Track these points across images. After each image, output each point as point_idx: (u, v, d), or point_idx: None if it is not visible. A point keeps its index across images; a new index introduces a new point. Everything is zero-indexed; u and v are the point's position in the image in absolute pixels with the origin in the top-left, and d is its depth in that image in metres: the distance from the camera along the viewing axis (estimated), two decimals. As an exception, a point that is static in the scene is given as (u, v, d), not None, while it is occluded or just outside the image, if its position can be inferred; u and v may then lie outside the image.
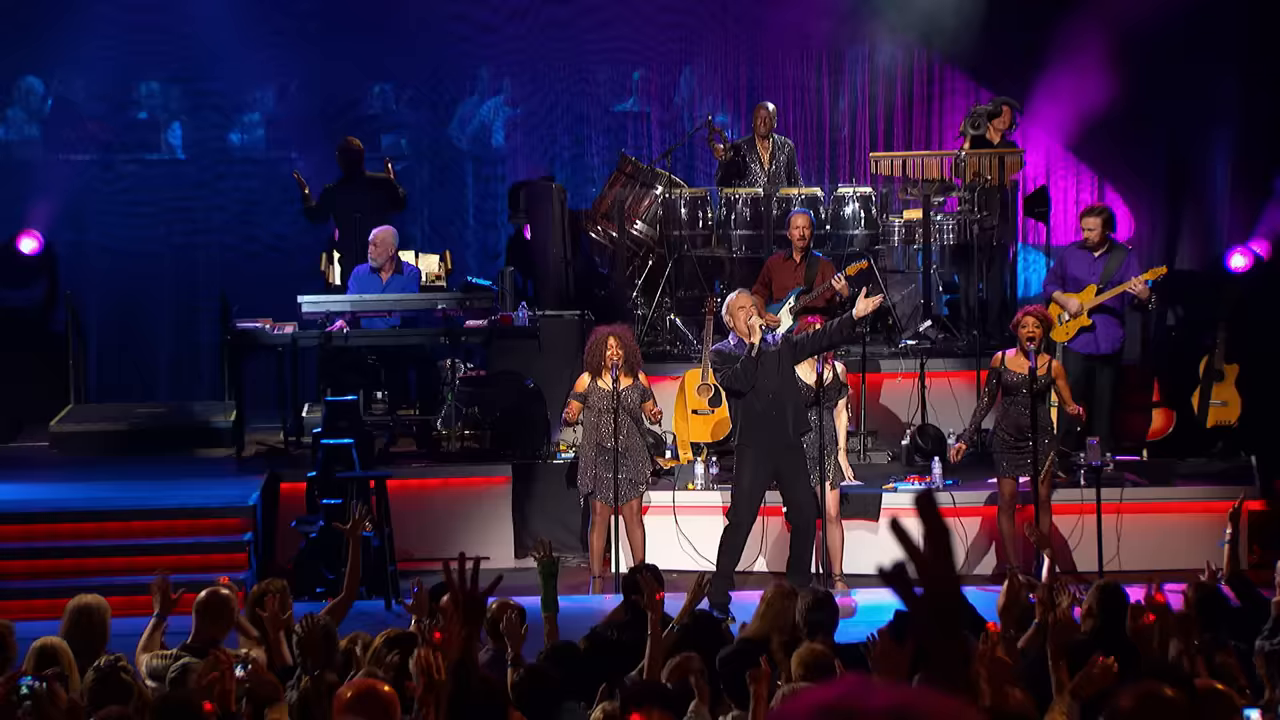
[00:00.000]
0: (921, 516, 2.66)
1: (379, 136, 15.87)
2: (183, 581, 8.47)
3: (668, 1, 16.72)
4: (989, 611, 8.30)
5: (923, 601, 2.57)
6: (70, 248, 15.53)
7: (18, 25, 15.92)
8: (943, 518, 2.67)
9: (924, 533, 2.65)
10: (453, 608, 4.68)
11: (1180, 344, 14.08)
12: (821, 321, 11.76)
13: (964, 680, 2.57)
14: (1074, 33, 15.35)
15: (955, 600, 2.63)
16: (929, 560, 2.61)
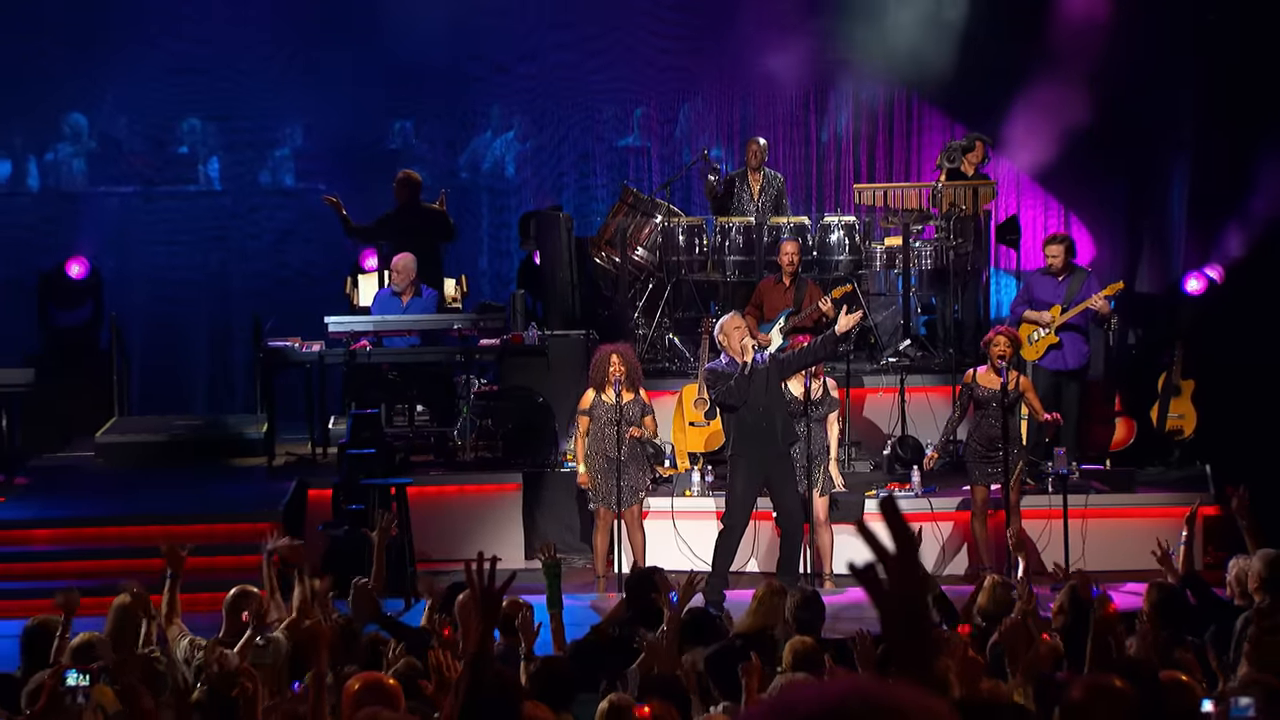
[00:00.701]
0: (886, 521, 2.67)
1: (399, 170, 15.88)
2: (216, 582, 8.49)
3: (667, 44, 16.75)
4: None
5: (890, 600, 2.58)
6: (115, 273, 15.53)
7: (65, 66, 15.97)
8: (906, 522, 2.68)
9: (890, 536, 2.65)
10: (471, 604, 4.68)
11: (1140, 361, 14.08)
12: (809, 340, 11.78)
13: (930, 674, 2.56)
14: (1041, 73, 15.37)
15: (920, 599, 2.63)
16: (895, 561, 2.62)
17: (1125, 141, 15.55)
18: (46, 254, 15.38)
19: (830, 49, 16.18)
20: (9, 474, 13.02)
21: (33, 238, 15.82)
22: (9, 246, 15.12)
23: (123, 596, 7.85)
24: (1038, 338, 12.85)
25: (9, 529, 12.13)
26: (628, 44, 16.69)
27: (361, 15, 16.05)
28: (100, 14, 15.78)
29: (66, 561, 10.80)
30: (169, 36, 15.88)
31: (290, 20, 16.02)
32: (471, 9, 16.27)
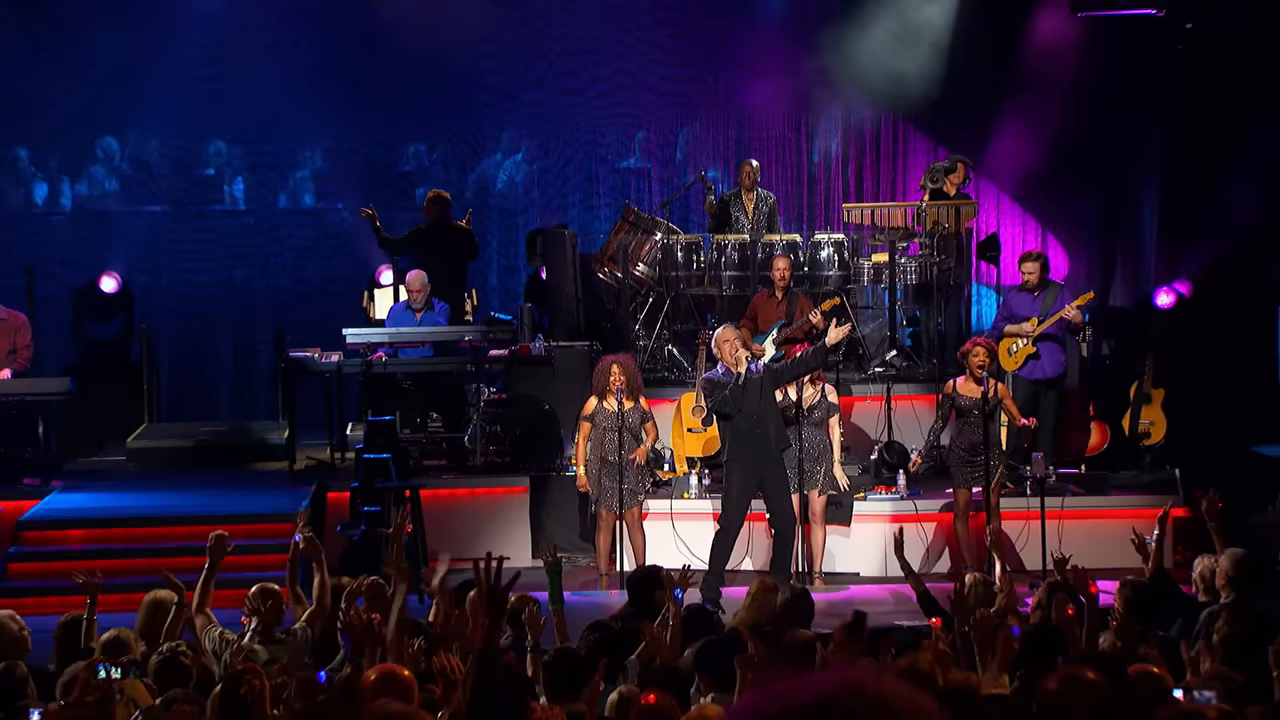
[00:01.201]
0: None
1: (414, 190, 15.91)
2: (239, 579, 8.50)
3: (667, 72, 16.78)
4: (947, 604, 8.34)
5: None
6: (145, 288, 15.56)
7: (98, 93, 15.99)
8: None
9: None
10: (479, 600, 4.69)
11: (1113, 371, 14.09)
12: (802, 350, 11.81)
13: None
14: (1020, 99, 15.41)
15: None
16: None
17: (1098, 165, 15.59)
18: (81, 270, 15.41)
19: (819, 74, 16.20)
20: (46, 477, 13.02)
21: (68, 255, 15.85)
22: (46, 263, 15.13)
23: (154, 592, 7.86)
24: (1017, 349, 12.87)
25: (45, 529, 12.14)
26: (629, 72, 16.72)
27: (378, 44, 16.09)
28: (131, 44, 15.79)
29: (99, 560, 10.77)
30: (196, 65, 15.90)
31: (310, 49, 16.05)
32: (482, 39, 16.32)
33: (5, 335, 13.18)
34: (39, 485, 12.87)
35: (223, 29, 15.85)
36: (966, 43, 15.63)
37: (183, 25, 15.74)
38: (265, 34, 15.81)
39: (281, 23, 15.94)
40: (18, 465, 12.97)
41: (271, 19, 15.92)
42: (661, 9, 16.54)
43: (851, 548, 12.33)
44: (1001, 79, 15.51)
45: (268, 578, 8.25)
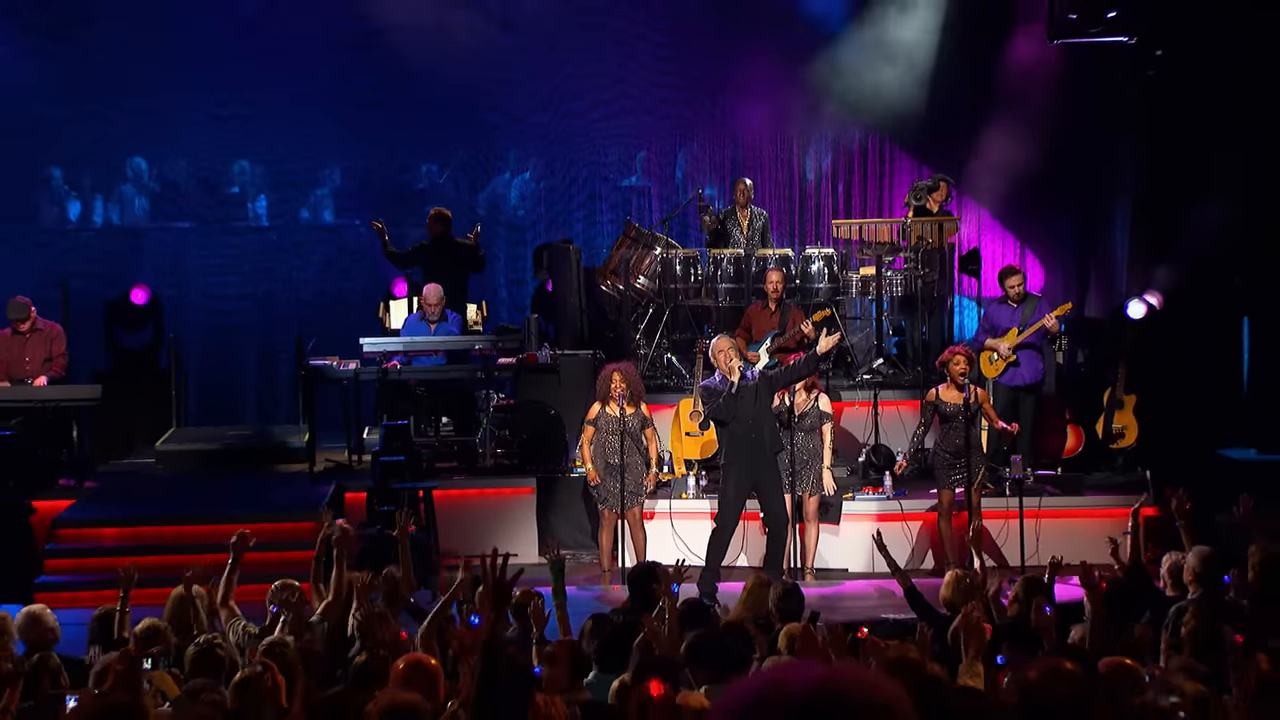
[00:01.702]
0: None
1: (427, 207, 15.93)
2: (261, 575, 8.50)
3: (666, 95, 16.82)
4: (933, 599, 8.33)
5: None
6: (173, 300, 15.57)
7: (129, 116, 16.04)
8: None
9: None
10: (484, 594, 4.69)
11: (1088, 378, 14.09)
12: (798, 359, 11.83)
13: None
14: (1000, 121, 15.43)
15: None
16: None
17: (1073, 184, 15.62)
18: (112, 283, 15.44)
19: (810, 97, 16.24)
20: (80, 479, 13.04)
21: (100, 269, 15.88)
22: (79, 277, 15.15)
23: (179, 588, 7.88)
24: (997, 358, 12.90)
25: (80, 527, 12.17)
26: (630, 96, 16.76)
27: (392, 70, 16.12)
28: (159, 70, 15.83)
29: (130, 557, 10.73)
30: (220, 89, 15.95)
31: (329, 75, 16.10)
32: (491, 65, 16.37)
33: (41, 344, 13.21)
34: (73, 486, 12.90)
35: (246, 56, 15.87)
36: (949, 68, 15.67)
37: (207, 52, 15.77)
38: (286, 60, 15.84)
39: (302, 50, 15.97)
40: (53, 467, 13.00)
41: (292, 46, 15.94)
42: (661, 36, 16.59)
43: (840, 545, 12.35)
44: (982, 102, 15.54)
45: (289, 574, 8.26)
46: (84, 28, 16.06)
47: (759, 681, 2.00)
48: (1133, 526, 8.82)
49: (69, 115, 15.96)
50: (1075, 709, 4.48)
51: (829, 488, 11.91)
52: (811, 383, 11.78)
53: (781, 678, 1.97)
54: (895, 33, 15.78)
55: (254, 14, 15.84)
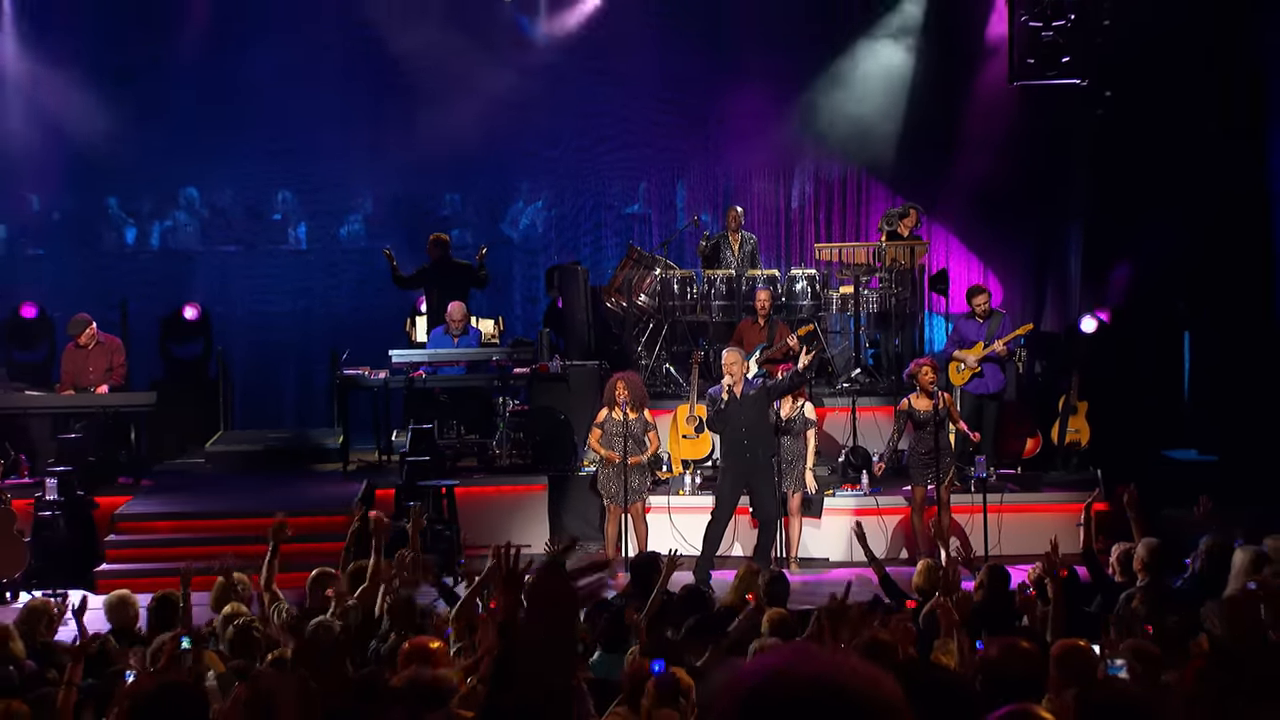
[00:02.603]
0: None
1: (450, 232, 15.96)
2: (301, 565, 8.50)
3: (665, 131, 16.83)
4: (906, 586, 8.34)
5: None
6: (221, 316, 15.59)
7: (182, 149, 16.06)
8: None
9: None
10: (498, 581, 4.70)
11: (1045, 386, 14.11)
12: (785, 369, 11.86)
13: None
14: (965, 154, 15.45)
15: None
16: None
17: (1031, 211, 15.63)
18: (166, 301, 15.45)
19: (795, 133, 16.28)
20: (137, 477, 13.05)
21: (155, 289, 15.88)
22: (137, 296, 15.18)
23: (222, 578, 7.88)
24: (964, 368, 12.90)
25: (137, 521, 12.16)
26: (632, 132, 16.77)
27: (420, 108, 16.13)
28: (209, 108, 15.86)
29: (182, 547, 10.80)
30: (264, 126, 15.97)
31: (362, 112, 16.12)
32: (508, 105, 16.39)
33: (103, 356, 13.22)
34: (131, 483, 12.91)
35: (288, 98, 15.90)
36: (919, 107, 15.69)
37: (253, 94, 15.78)
38: (324, 101, 15.87)
39: (338, 92, 16.02)
40: (113, 466, 13.01)
41: (330, 89, 15.99)
42: (659, 79, 16.58)
43: (822, 537, 12.35)
44: (949, 137, 15.55)
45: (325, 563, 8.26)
46: (145, 73, 16.11)
47: (760, 669, 1.86)
48: (1085, 520, 8.83)
49: (128, 150, 15.97)
50: (1031, 683, 4.50)
51: (811, 486, 11.92)
52: (798, 392, 11.79)
53: (784, 667, 1.85)
54: (872, 75, 15.82)
55: (296, 60, 15.88)
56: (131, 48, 16.01)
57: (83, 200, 16.66)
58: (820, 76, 15.97)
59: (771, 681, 1.81)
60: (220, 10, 16.04)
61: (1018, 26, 14.44)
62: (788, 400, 11.70)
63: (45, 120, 15.51)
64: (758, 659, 1.92)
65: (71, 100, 15.52)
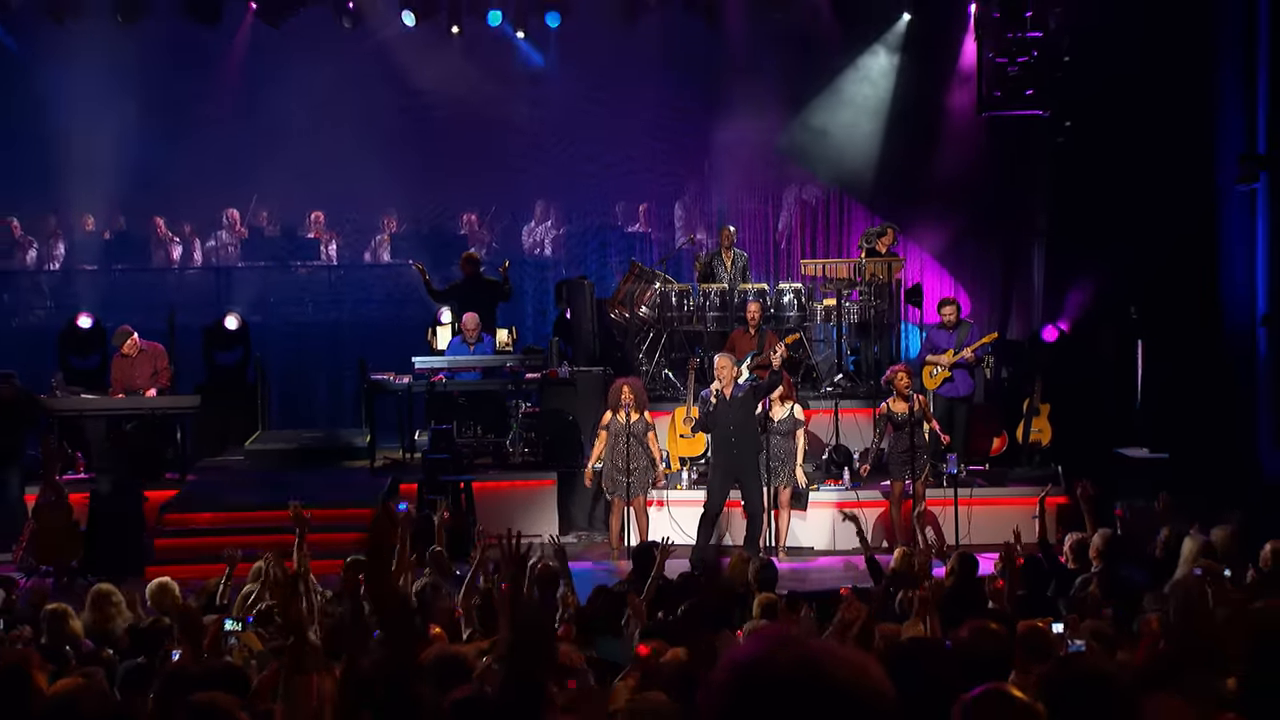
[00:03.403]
0: None
1: (473, 247, 15.99)
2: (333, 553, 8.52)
3: (663, 158, 16.88)
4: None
5: None
6: (259, 326, 15.58)
7: (222, 175, 16.12)
8: None
9: None
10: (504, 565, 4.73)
11: (1010, 390, 14.11)
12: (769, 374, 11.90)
13: None
14: (938, 177, 15.49)
15: None
16: None
17: (998, 230, 15.66)
18: (209, 312, 15.45)
19: (782, 158, 16.32)
20: (182, 473, 13.08)
21: (199, 301, 15.88)
22: (182, 307, 15.17)
23: (259, 563, 7.89)
24: (936, 373, 12.92)
25: (182, 513, 12.20)
26: (634, 158, 16.82)
27: (440, 135, 16.21)
28: (249, 139, 15.91)
29: (223, 537, 10.84)
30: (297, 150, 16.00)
31: (387, 140, 16.15)
32: (521, 132, 16.49)
33: (149, 363, 13.26)
34: (177, 479, 12.95)
35: (318, 127, 15.96)
36: (895, 135, 15.73)
37: (287, 123, 15.84)
38: (352, 129, 15.91)
39: (365, 120, 16.06)
40: (160, 463, 13.03)
41: (357, 118, 16.04)
42: (658, 110, 16.64)
43: (808, 528, 12.37)
44: (923, 163, 15.58)
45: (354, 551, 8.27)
46: (192, 108, 16.20)
47: (745, 656, 1.78)
48: (1040, 511, 8.85)
49: (175, 175, 16.03)
50: (998, 660, 4.52)
51: (801, 481, 11.94)
52: (786, 394, 11.80)
53: (768, 655, 1.76)
54: (850, 108, 15.87)
55: (326, 94, 15.96)
56: (179, 84, 16.07)
57: (134, 221, 16.74)
58: (804, 109, 16.01)
59: (759, 666, 1.74)
60: (258, 50, 16.14)
61: (985, 62, 14.48)
62: (779, 404, 11.71)
63: (101, 149, 15.59)
64: (745, 644, 1.86)
65: (125, 132, 15.58)
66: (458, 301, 14.11)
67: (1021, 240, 15.54)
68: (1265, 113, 12.40)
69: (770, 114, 16.00)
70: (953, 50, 15.39)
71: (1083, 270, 14.29)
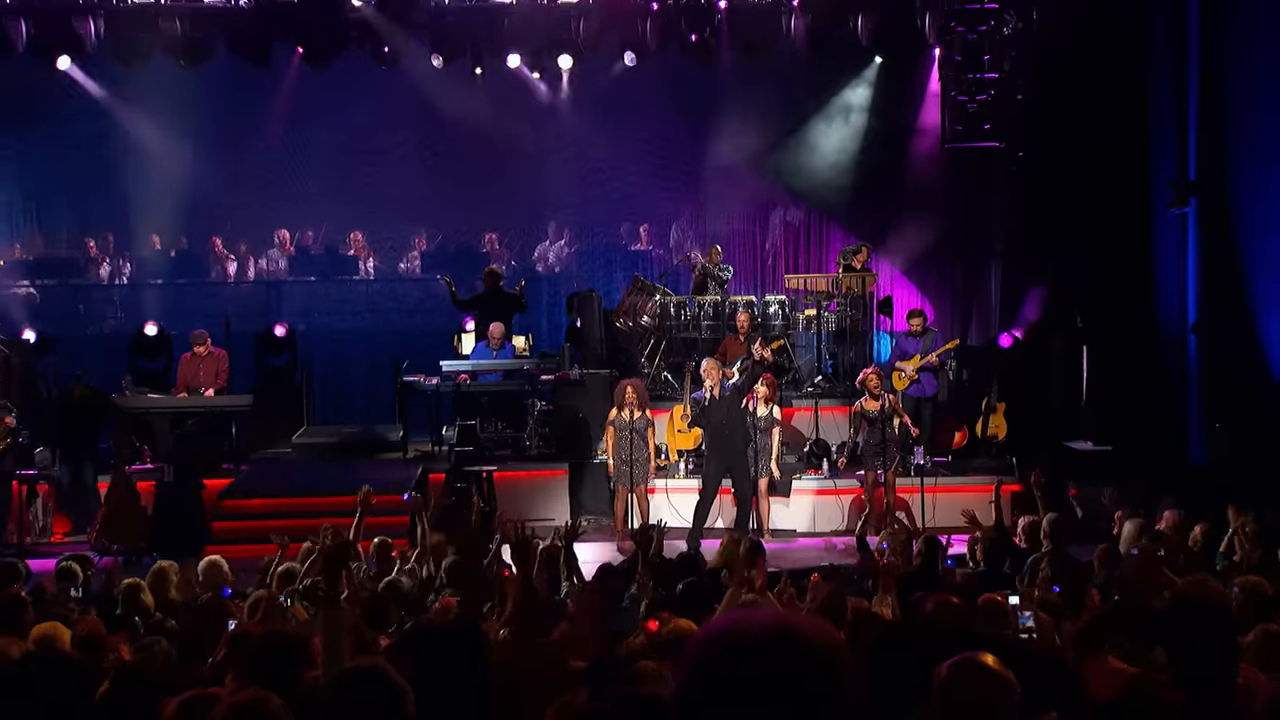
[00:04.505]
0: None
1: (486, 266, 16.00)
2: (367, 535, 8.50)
3: (663, 184, 16.93)
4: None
5: None
6: (304, 334, 15.59)
7: (272, 199, 16.18)
8: None
9: None
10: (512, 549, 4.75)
11: (970, 390, 14.12)
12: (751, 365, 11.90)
13: None
14: (906, 201, 15.52)
15: None
16: None
17: (960, 248, 15.68)
18: (260, 321, 15.48)
19: (767, 184, 16.35)
20: (236, 463, 13.10)
21: (251, 311, 15.90)
22: (237, 317, 15.21)
23: (308, 543, 7.90)
24: (904, 376, 12.93)
25: (237, 499, 12.21)
26: (637, 185, 16.86)
27: (465, 164, 16.26)
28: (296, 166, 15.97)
29: (274, 520, 10.86)
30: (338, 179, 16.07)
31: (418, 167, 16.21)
32: (537, 161, 16.54)
33: (212, 365, 13.30)
34: (232, 469, 12.97)
35: (359, 156, 16.02)
36: (869, 164, 15.77)
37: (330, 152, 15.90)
38: (387, 158, 15.99)
39: (399, 150, 16.13)
40: (218, 455, 13.06)
41: (392, 148, 16.10)
42: (657, 142, 16.70)
43: (790, 513, 12.38)
44: (894, 189, 15.62)
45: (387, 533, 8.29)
46: (245, 141, 16.24)
47: (724, 624, 1.78)
48: (995, 498, 8.85)
49: (231, 200, 16.08)
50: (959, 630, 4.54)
51: (776, 474, 11.95)
52: (769, 396, 11.81)
53: (744, 621, 1.77)
54: (829, 139, 15.90)
55: (365, 126, 16.02)
56: (234, 119, 16.12)
57: (195, 241, 16.78)
58: (788, 141, 16.04)
59: (731, 630, 1.75)
60: (304, 90, 16.17)
61: (948, 100, 14.53)
62: (761, 404, 11.72)
63: (166, 178, 15.64)
64: (721, 616, 1.87)
65: (187, 162, 15.63)
66: (479, 311, 14.12)
67: (980, 257, 15.57)
68: (1195, 145, 12.43)
69: (758, 145, 16.05)
70: (919, 89, 15.42)
71: (1034, 284, 14.31)
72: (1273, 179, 11.43)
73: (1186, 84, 12.42)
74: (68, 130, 15.85)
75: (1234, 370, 11.94)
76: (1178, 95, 12.57)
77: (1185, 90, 12.47)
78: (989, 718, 2.79)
